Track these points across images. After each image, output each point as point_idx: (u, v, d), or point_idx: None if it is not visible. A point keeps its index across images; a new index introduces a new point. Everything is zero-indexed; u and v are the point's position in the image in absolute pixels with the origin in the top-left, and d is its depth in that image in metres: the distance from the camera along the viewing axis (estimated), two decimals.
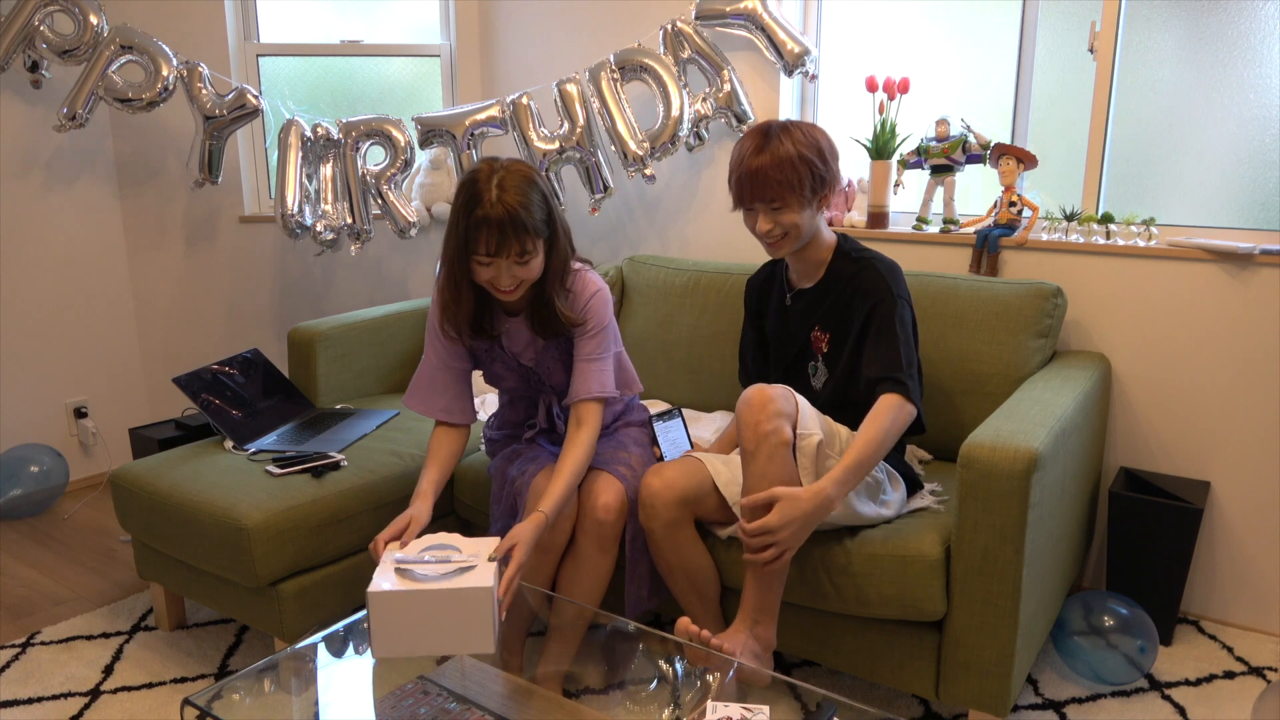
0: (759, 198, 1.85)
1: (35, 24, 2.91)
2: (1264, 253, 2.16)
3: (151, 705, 2.07)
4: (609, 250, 3.19)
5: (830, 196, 1.91)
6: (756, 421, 1.73)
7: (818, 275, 1.99)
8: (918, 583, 1.75)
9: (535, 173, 1.77)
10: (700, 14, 2.70)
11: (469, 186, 1.72)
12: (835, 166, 1.90)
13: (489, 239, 1.70)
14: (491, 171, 1.73)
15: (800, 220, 1.87)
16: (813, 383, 2.01)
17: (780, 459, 1.72)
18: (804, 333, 2.01)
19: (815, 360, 2.00)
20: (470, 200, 1.71)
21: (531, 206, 1.71)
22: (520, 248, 1.72)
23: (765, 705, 1.39)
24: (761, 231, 1.89)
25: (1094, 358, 2.32)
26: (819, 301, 1.98)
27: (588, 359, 1.90)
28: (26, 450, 3.12)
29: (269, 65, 3.36)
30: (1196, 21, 2.31)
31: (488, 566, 1.56)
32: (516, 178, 1.72)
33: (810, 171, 1.84)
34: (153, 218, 3.42)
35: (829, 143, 1.89)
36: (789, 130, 1.85)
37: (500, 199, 1.69)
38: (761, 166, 1.83)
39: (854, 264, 1.94)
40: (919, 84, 2.67)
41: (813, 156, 1.84)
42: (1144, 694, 2.07)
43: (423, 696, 1.61)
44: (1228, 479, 2.32)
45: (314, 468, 2.18)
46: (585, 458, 1.85)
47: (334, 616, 2.13)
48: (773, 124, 1.88)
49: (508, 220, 1.69)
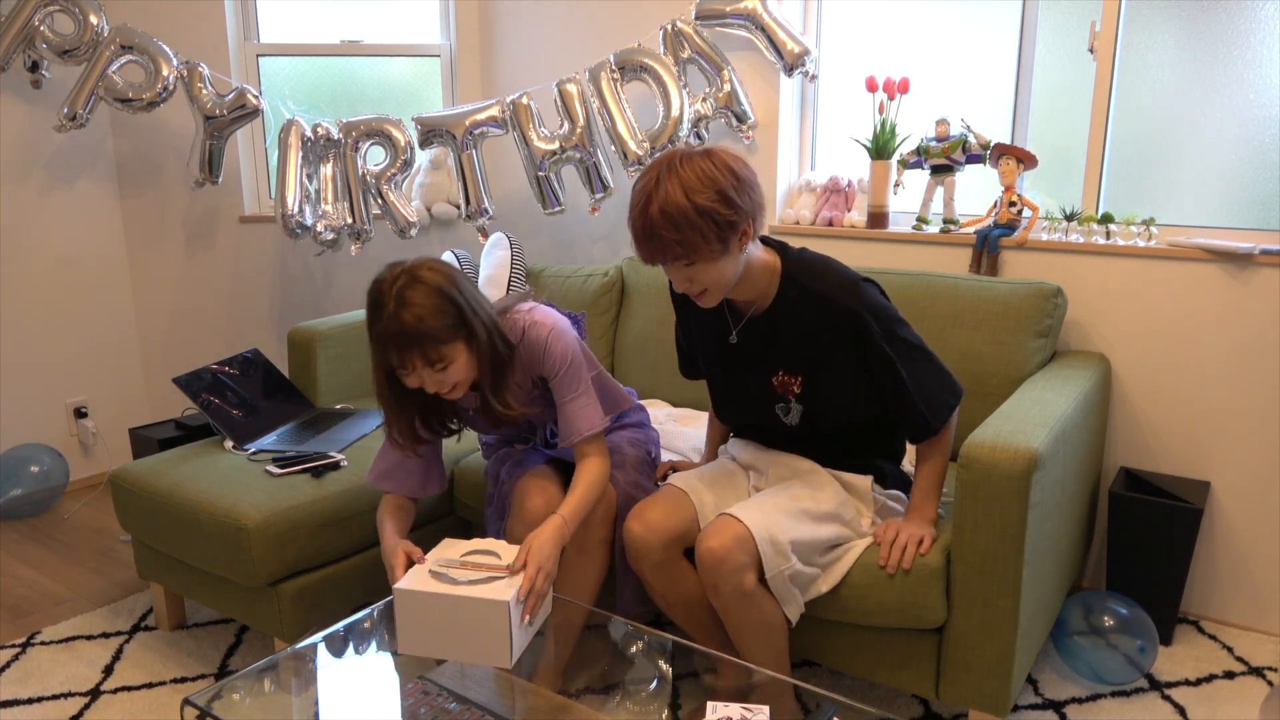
0: (659, 258, 1.62)
1: (35, 24, 2.91)
2: (1264, 253, 2.16)
3: (151, 705, 2.07)
4: (609, 250, 3.19)
5: (751, 232, 1.65)
6: (715, 584, 1.68)
7: (765, 303, 1.77)
8: (918, 591, 1.74)
9: (444, 274, 1.62)
10: (700, 14, 2.70)
11: (371, 296, 1.61)
12: (746, 199, 1.61)
13: (392, 354, 1.60)
14: (394, 280, 1.59)
15: (720, 272, 1.64)
16: (786, 421, 1.84)
17: (750, 605, 1.69)
18: (762, 376, 1.82)
19: (785, 402, 1.81)
20: (371, 313, 1.62)
21: (432, 316, 1.57)
22: (426, 359, 1.60)
23: (765, 705, 1.39)
24: (679, 290, 1.68)
25: (1094, 358, 2.32)
26: (773, 340, 1.78)
27: (568, 401, 1.81)
28: (26, 450, 3.13)
29: (269, 65, 3.36)
30: (1196, 21, 2.31)
31: (515, 580, 1.55)
32: (418, 287, 1.58)
33: (714, 221, 1.57)
34: (153, 218, 3.42)
35: (732, 175, 1.59)
36: (678, 172, 1.58)
37: (396, 313, 1.56)
38: (653, 222, 1.57)
39: (807, 291, 1.73)
40: (919, 84, 2.67)
41: (709, 203, 1.56)
42: (1144, 694, 2.07)
43: (423, 696, 1.61)
44: (1228, 479, 2.32)
45: (314, 468, 2.18)
46: (601, 474, 1.80)
47: (334, 616, 2.13)
48: (665, 163, 1.60)
49: (406, 335, 1.57)
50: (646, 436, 2.08)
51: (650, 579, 1.81)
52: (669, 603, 1.84)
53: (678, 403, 2.65)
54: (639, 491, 1.93)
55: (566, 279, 2.87)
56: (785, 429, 1.85)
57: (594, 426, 1.81)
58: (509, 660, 1.51)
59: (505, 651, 1.51)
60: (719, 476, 1.92)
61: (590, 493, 1.77)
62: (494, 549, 1.65)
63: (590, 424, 1.81)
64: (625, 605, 1.93)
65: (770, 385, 1.82)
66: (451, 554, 1.63)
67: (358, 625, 1.72)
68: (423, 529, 2.31)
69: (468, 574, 1.56)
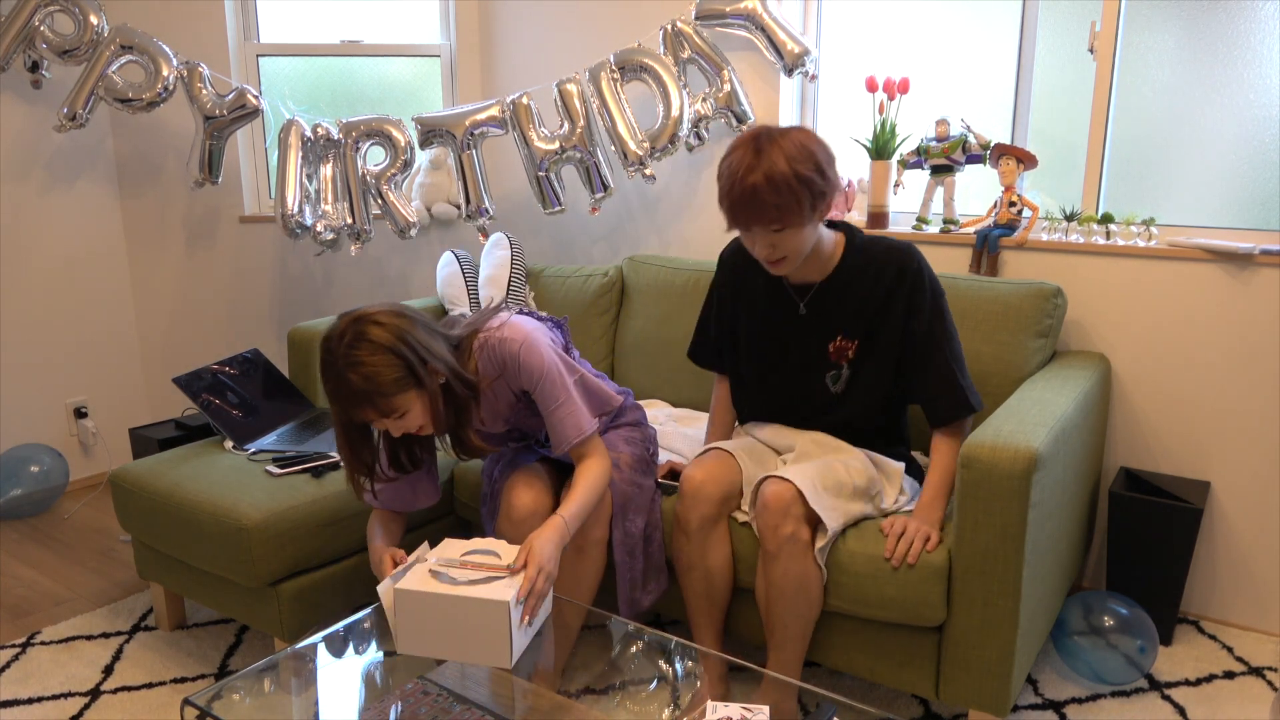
0: (755, 221, 1.72)
1: (35, 24, 2.91)
2: (1264, 253, 2.16)
3: (151, 705, 2.07)
4: (609, 250, 3.19)
5: (831, 204, 1.78)
6: (777, 525, 1.73)
7: (826, 270, 1.88)
8: (919, 588, 1.74)
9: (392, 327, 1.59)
10: (700, 14, 2.70)
11: (321, 353, 1.61)
12: (833, 174, 1.75)
13: (347, 408, 1.60)
14: (340, 337, 1.57)
15: (802, 240, 1.76)
16: (833, 390, 1.92)
17: (799, 558, 1.74)
18: (819, 344, 1.91)
19: (838, 369, 1.91)
20: (321, 371, 1.61)
21: (380, 373, 1.55)
22: (379, 412, 1.59)
23: (765, 705, 1.39)
24: (762, 255, 1.78)
25: (1094, 358, 2.32)
26: (841, 303, 1.88)
27: (552, 411, 1.80)
28: (26, 450, 3.13)
29: (269, 65, 3.36)
30: (1196, 21, 2.31)
31: (515, 580, 1.55)
32: (363, 345, 1.56)
33: (809, 189, 1.69)
34: (153, 218, 3.43)
35: (824, 150, 1.75)
36: (780, 145, 1.69)
37: (344, 373, 1.55)
38: (755, 188, 1.68)
39: (872, 255, 1.86)
40: (919, 84, 2.68)
41: (809, 172, 1.69)
42: (1144, 694, 2.07)
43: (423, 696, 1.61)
44: (1228, 479, 2.32)
45: (314, 468, 2.19)
46: (600, 474, 1.81)
47: (334, 616, 2.13)
48: (761, 135, 1.72)
49: (355, 394, 1.56)
50: (643, 435, 2.07)
51: (694, 530, 1.84)
52: (689, 564, 1.87)
53: (678, 403, 2.65)
54: (635, 490, 1.93)
55: (566, 279, 2.87)
56: (824, 401, 1.93)
57: (583, 431, 1.81)
58: (509, 660, 1.51)
59: (505, 651, 1.51)
60: (754, 450, 1.97)
61: (591, 493, 1.77)
62: (494, 549, 1.65)
63: (579, 429, 1.81)
64: (627, 602, 1.94)
65: (826, 352, 1.91)
66: (451, 554, 1.63)
67: (358, 625, 1.72)
68: (423, 529, 2.31)
69: (468, 574, 1.56)
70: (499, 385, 1.82)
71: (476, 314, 1.85)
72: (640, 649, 1.80)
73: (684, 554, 1.88)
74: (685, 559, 1.88)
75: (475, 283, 2.89)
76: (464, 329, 1.78)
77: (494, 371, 1.79)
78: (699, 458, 1.92)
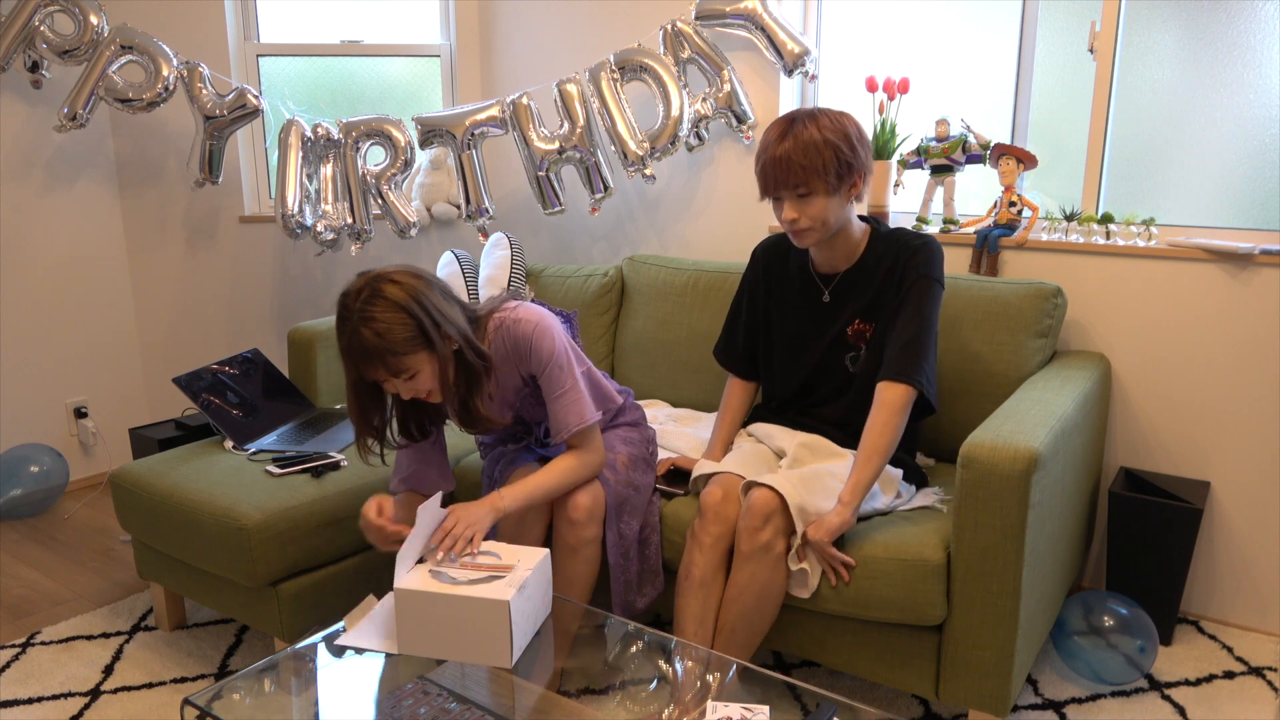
0: (784, 184, 1.82)
1: (35, 24, 2.91)
2: (1264, 253, 2.16)
3: (151, 705, 2.07)
4: (609, 250, 3.19)
5: (860, 186, 1.86)
6: (756, 530, 1.77)
7: (852, 260, 1.96)
8: (918, 587, 1.74)
9: (408, 287, 1.61)
10: (700, 14, 2.70)
11: (337, 309, 1.64)
12: (864, 154, 1.85)
13: (357, 366, 1.63)
14: (357, 294, 1.60)
15: (827, 210, 1.84)
16: (853, 370, 2.00)
17: (769, 567, 1.79)
18: (841, 328, 1.98)
19: (857, 350, 1.98)
20: (337, 327, 1.63)
21: (392, 331, 1.58)
22: (390, 371, 1.61)
23: (765, 705, 1.39)
24: (786, 220, 1.86)
25: (1094, 358, 2.32)
26: (863, 288, 1.96)
27: (556, 396, 1.83)
28: (26, 450, 3.13)
29: (269, 65, 3.36)
30: (1196, 21, 2.31)
31: (515, 580, 1.55)
32: (380, 302, 1.59)
33: (836, 157, 1.80)
34: (153, 218, 3.43)
35: (858, 129, 1.84)
36: (815, 117, 1.82)
37: (358, 328, 1.58)
38: (785, 152, 1.80)
39: (891, 242, 1.92)
40: (919, 84, 2.68)
41: (839, 142, 1.80)
42: (1144, 694, 2.07)
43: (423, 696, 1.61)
44: (1228, 479, 2.32)
45: (314, 468, 2.19)
46: (573, 467, 1.83)
47: (334, 616, 2.13)
48: (799, 111, 1.85)
49: (366, 350, 1.58)
50: (642, 435, 2.07)
51: (708, 543, 1.85)
52: (701, 580, 1.87)
53: (677, 403, 2.65)
54: (631, 490, 1.94)
55: (566, 279, 2.87)
56: (843, 380, 2.00)
57: (584, 420, 1.83)
58: (509, 660, 1.52)
59: (505, 651, 1.51)
60: (755, 458, 1.99)
61: (544, 481, 1.80)
62: (494, 549, 1.65)
63: (580, 418, 1.83)
64: (621, 604, 1.94)
65: (845, 336, 1.98)
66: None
67: None
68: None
69: (468, 574, 1.56)
70: (507, 370, 1.84)
71: (491, 297, 1.88)
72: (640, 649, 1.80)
73: (696, 567, 1.87)
74: (698, 574, 1.87)
75: (475, 283, 2.89)
76: (482, 308, 1.83)
77: (505, 353, 1.81)
78: (718, 477, 1.91)
